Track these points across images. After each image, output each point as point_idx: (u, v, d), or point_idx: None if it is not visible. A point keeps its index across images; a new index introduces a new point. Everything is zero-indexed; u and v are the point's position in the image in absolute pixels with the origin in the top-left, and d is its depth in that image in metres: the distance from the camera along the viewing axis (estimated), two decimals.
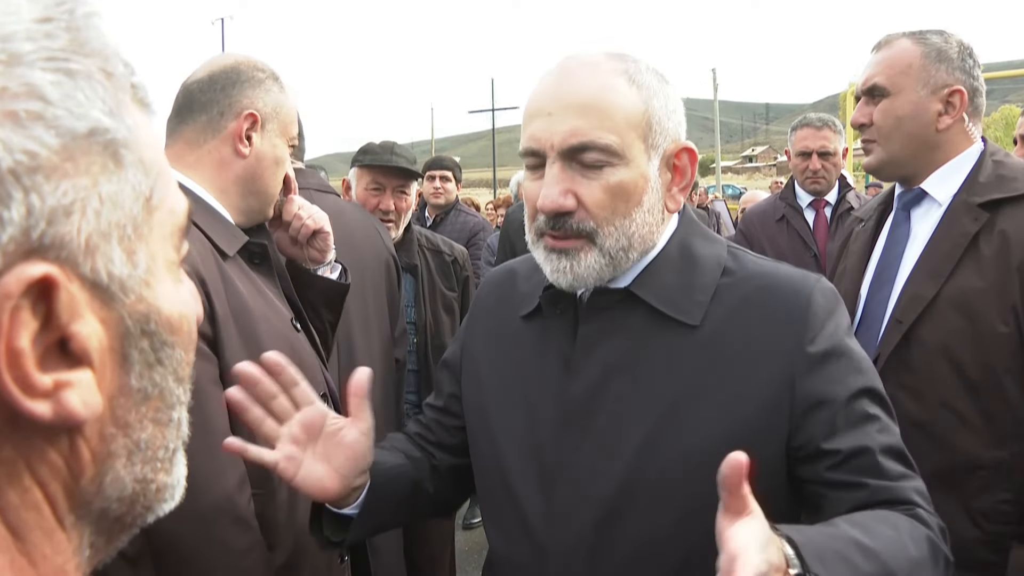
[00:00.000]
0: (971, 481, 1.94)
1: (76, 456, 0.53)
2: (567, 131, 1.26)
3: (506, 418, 1.43)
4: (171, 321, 0.58)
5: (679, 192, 1.37)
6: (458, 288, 3.55)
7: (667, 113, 1.32)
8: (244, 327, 1.72)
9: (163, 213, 0.58)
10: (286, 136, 1.94)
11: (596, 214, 1.28)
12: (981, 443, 1.93)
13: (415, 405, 3.39)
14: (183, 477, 0.64)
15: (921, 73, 2.11)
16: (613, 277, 1.34)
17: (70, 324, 0.50)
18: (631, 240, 1.31)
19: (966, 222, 2.01)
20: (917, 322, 2.01)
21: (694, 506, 1.25)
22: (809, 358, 1.27)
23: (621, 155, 1.27)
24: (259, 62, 1.95)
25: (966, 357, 1.94)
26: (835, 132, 4.27)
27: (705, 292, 1.33)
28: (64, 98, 0.50)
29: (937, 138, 2.12)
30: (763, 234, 4.24)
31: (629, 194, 1.29)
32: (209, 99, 1.86)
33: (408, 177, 3.31)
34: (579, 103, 1.27)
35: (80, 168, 0.50)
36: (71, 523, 0.55)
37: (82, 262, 0.51)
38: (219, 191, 1.86)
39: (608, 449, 1.31)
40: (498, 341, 1.50)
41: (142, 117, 0.58)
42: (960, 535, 1.94)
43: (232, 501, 1.59)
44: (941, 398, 1.97)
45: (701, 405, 1.28)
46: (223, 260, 1.77)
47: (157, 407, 0.58)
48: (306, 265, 2.14)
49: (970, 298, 1.95)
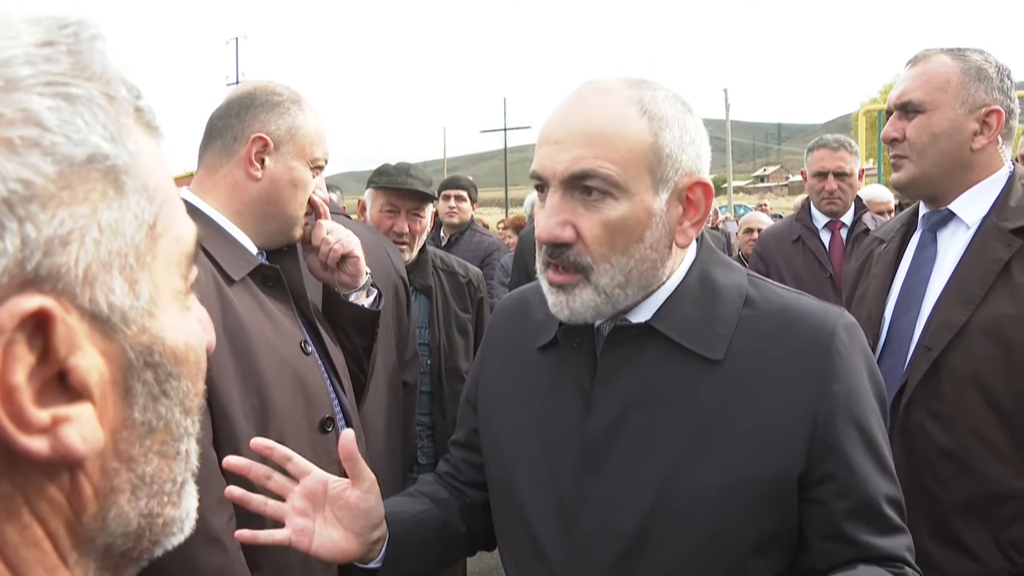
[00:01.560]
0: (1001, 511, 1.90)
1: (77, 492, 0.52)
2: (570, 159, 1.24)
3: (522, 452, 1.41)
4: (176, 352, 0.56)
5: (691, 227, 1.32)
6: (472, 310, 3.54)
7: (681, 145, 1.27)
8: (239, 348, 1.75)
9: (168, 241, 0.56)
10: (305, 158, 1.95)
11: (593, 249, 1.26)
12: (1012, 473, 1.89)
13: (428, 427, 3.38)
14: (193, 509, 0.62)
15: (960, 91, 2.07)
16: (617, 312, 1.32)
17: (68, 357, 0.49)
18: (628, 277, 1.28)
19: (998, 247, 1.97)
20: (947, 349, 1.97)
21: (715, 539, 1.26)
22: (830, 397, 1.26)
23: (623, 187, 1.24)
24: (279, 86, 1.97)
25: (998, 385, 1.90)
26: (851, 153, 4.26)
27: (728, 325, 1.31)
28: (62, 124, 0.49)
29: (971, 158, 2.08)
30: (779, 255, 4.22)
31: (630, 229, 1.25)
32: (224, 125, 1.91)
33: (423, 200, 3.31)
34: (585, 132, 1.25)
35: (78, 196, 0.49)
36: (74, 560, 0.53)
37: (80, 293, 0.49)
38: (235, 214, 1.89)
39: (629, 484, 1.29)
40: (513, 373, 1.48)
41: (148, 141, 0.57)
42: (990, 566, 1.90)
43: (206, 520, 1.60)
44: (971, 426, 1.93)
45: (721, 439, 1.26)
46: (229, 284, 1.80)
47: (163, 440, 0.57)
48: (337, 289, 2.14)
49: (1003, 326, 1.91)
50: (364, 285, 2.15)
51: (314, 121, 1.97)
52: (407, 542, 1.47)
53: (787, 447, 1.25)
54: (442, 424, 3.35)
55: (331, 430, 1.92)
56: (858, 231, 4.20)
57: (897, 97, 2.18)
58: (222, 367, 1.71)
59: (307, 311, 2.02)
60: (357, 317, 2.15)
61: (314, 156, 1.96)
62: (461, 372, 3.42)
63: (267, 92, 1.94)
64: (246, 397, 1.74)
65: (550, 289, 1.32)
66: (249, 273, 1.86)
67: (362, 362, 2.22)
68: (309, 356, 1.93)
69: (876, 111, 22.50)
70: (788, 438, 1.25)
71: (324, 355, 2.01)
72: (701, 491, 1.25)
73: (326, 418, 1.91)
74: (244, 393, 1.74)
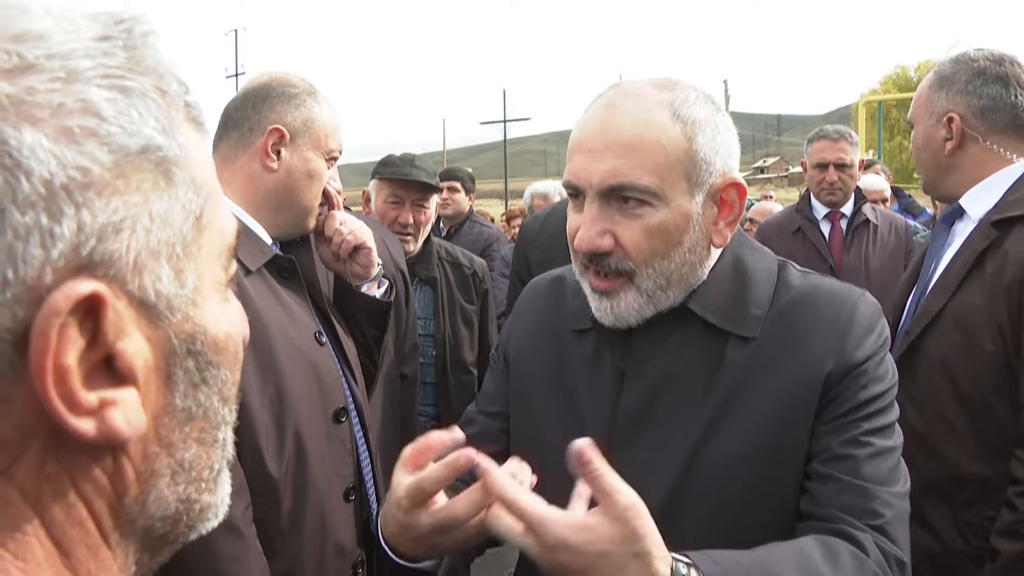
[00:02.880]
0: (960, 494, 1.98)
1: (120, 474, 0.53)
2: (606, 171, 1.25)
3: (552, 429, 1.41)
4: (217, 341, 0.58)
5: (726, 227, 1.34)
6: (477, 301, 3.55)
7: (715, 147, 1.29)
8: (256, 338, 1.75)
9: (212, 233, 0.58)
10: (320, 150, 1.96)
11: (634, 255, 1.28)
12: (970, 457, 1.97)
13: (433, 418, 3.39)
14: (227, 495, 0.64)
15: (926, 103, 2.20)
16: (654, 310, 1.34)
17: (116, 342, 0.50)
18: (669, 280, 1.31)
19: (979, 239, 2.04)
20: (923, 335, 2.06)
21: (741, 512, 1.28)
22: (845, 366, 1.28)
23: (661, 196, 1.26)
24: (294, 78, 1.98)
25: (961, 372, 1.98)
26: (851, 144, 4.28)
27: (761, 306, 1.35)
28: (118, 115, 0.51)
29: (949, 162, 2.17)
30: (779, 246, 4.23)
31: (669, 234, 1.28)
32: (241, 116, 1.92)
33: (427, 191, 3.32)
34: (620, 142, 1.25)
35: (131, 185, 0.50)
36: (116, 540, 0.55)
37: (130, 280, 0.50)
38: (251, 206, 1.90)
39: (657, 460, 1.32)
40: (547, 352, 1.50)
41: (195, 136, 0.58)
42: (948, 546, 1.99)
43: None
44: (938, 411, 2.01)
45: (744, 415, 1.29)
46: (245, 275, 1.81)
47: (202, 427, 0.58)
48: (349, 280, 2.16)
49: (968, 314, 1.98)
50: (376, 276, 2.17)
51: (329, 113, 1.99)
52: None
53: (803, 412, 1.28)
54: (447, 415, 3.36)
55: (344, 420, 1.94)
56: (858, 222, 4.22)
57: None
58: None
59: (320, 302, 2.04)
60: (369, 308, 2.17)
61: (329, 147, 1.98)
62: (466, 364, 3.44)
63: (283, 84, 1.95)
64: (263, 387, 1.76)
65: (592, 294, 1.35)
66: (265, 264, 1.88)
67: (373, 353, 2.24)
68: (323, 347, 1.95)
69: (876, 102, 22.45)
70: (808, 406, 1.28)
71: (337, 346, 2.03)
72: (725, 464, 1.28)
73: (340, 408, 1.93)
74: (261, 383, 1.76)
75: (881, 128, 22.02)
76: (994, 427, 1.94)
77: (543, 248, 3.52)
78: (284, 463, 1.78)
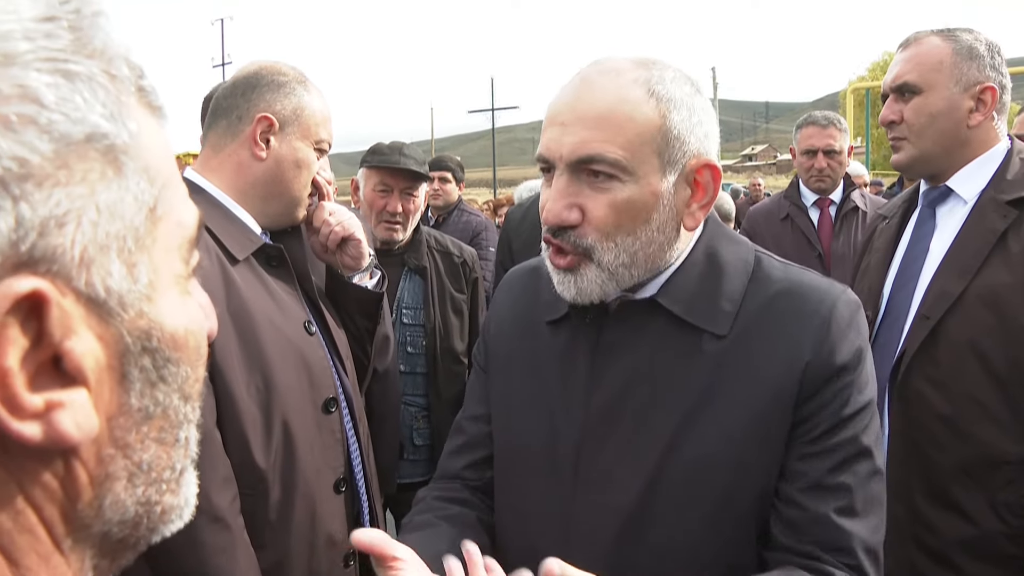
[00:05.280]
0: (997, 475, 1.96)
1: (72, 479, 0.51)
2: (576, 143, 1.24)
3: (529, 424, 1.41)
4: (175, 337, 0.55)
5: (699, 210, 1.31)
6: (467, 290, 3.53)
7: (690, 127, 1.26)
8: (243, 328, 1.75)
9: (169, 224, 0.55)
10: (310, 139, 1.95)
11: (599, 229, 1.26)
12: (1008, 438, 1.95)
13: (423, 408, 3.38)
14: (193, 496, 0.61)
15: (953, 70, 2.13)
16: (624, 290, 1.32)
17: (63, 341, 0.47)
18: (633, 258, 1.28)
19: (995, 219, 2.03)
20: (944, 318, 2.03)
21: (713, 513, 1.27)
22: (822, 368, 1.26)
23: (630, 171, 1.24)
24: (284, 67, 1.97)
25: (994, 352, 1.95)
26: (840, 131, 4.28)
27: (733, 301, 1.31)
28: (61, 101, 0.47)
29: (968, 135, 2.14)
30: (767, 233, 4.25)
31: (637, 211, 1.26)
32: (230, 104, 1.91)
33: (416, 179, 3.29)
34: (592, 115, 1.24)
35: (75, 176, 0.47)
36: (69, 547, 0.52)
37: (76, 276, 0.48)
38: (239, 194, 1.90)
39: (629, 458, 1.30)
40: (523, 345, 1.48)
41: (150, 122, 0.55)
42: (984, 528, 1.96)
43: (209, 499, 1.62)
44: (968, 392, 1.99)
45: (719, 412, 1.27)
46: (232, 264, 1.80)
47: (161, 427, 0.55)
48: (340, 271, 2.15)
49: (999, 293, 1.96)
50: (367, 267, 2.16)
51: (319, 102, 1.97)
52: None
53: (781, 418, 1.26)
54: (438, 405, 3.35)
55: (334, 410, 1.93)
56: (847, 209, 4.23)
57: (892, 80, 2.22)
58: (226, 347, 1.72)
59: (311, 291, 2.02)
60: (361, 299, 2.16)
61: (319, 137, 1.96)
62: (457, 353, 3.42)
63: (273, 72, 1.93)
64: (250, 377, 1.76)
65: (555, 271, 1.33)
66: (253, 253, 1.87)
67: (366, 344, 2.23)
68: (313, 336, 1.94)
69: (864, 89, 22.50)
70: (781, 406, 1.26)
71: (327, 335, 2.02)
72: (699, 465, 1.26)
73: (329, 398, 1.92)
74: (248, 373, 1.75)
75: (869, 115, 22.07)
76: None
77: (525, 235, 3.52)
78: (272, 454, 1.77)
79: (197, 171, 1.93)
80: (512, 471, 1.45)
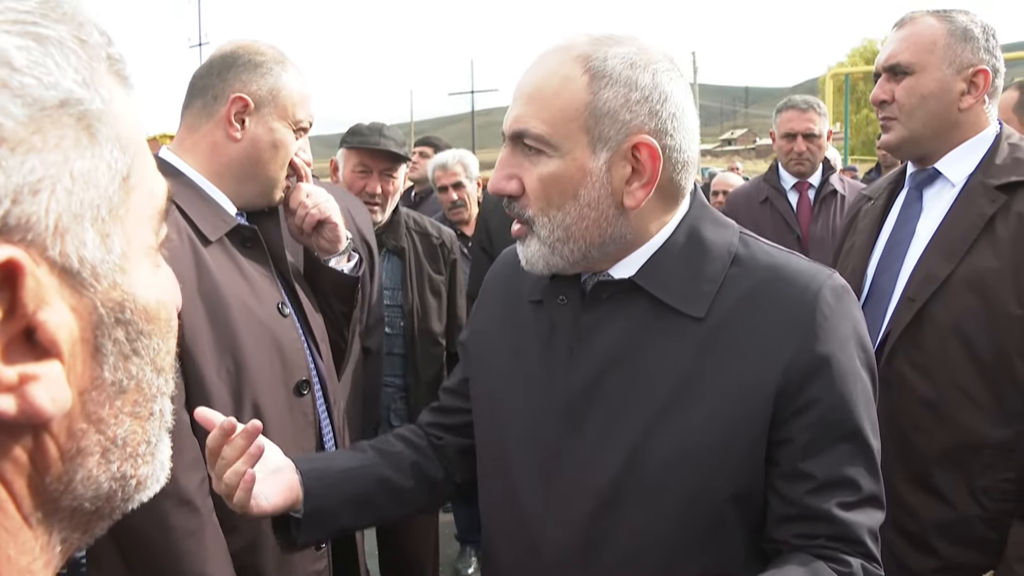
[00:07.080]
0: (976, 460, 1.97)
1: (41, 452, 0.49)
2: (512, 117, 1.29)
3: (510, 404, 1.41)
4: (148, 309, 0.54)
5: (639, 189, 1.27)
6: (446, 271, 3.53)
7: (627, 104, 1.23)
8: (213, 310, 1.74)
9: (142, 194, 0.54)
10: (287, 120, 1.92)
11: (533, 202, 1.29)
12: (988, 422, 1.95)
13: (401, 389, 3.38)
14: (167, 459, 0.60)
15: (947, 51, 2.11)
16: (566, 265, 1.32)
17: (37, 312, 0.46)
18: (568, 233, 1.28)
19: (983, 203, 2.02)
20: (930, 301, 2.02)
21: (689, 499, 1.26)
22: (810, 358, 1.24)
23: (554, 146, 1.25)
24: (263, 46, 1.94)
25: (978, 337, 1.95)
26: (820, 115, 4.30)
27: (712, 283, 1.29)
28: (32, 65, 0.46)
29: (959, 117, 2.12)
30: (747, 216, 4.26)
31: (563, 186, 1.26)
32: (206, 84, 1.88)
33: (395, 160, 3.27)
34: (527, 90, 1.29)
35: (50, 142, 0.46)
36: (38, 520, 0.51)
37: (51, 245, 0.46)
38: (214, 175, 1.87)
39: (605, 440, 1.30)
40: (506, 326, 1.49)
41: (120, 91, 0.53)
42: (962, 512, 1.98)
43: (178, 483, 1.60)
44: (951, 377, 1.99)
45: (700, 399, 1.26)
46: (204, 245, 1.78)
47: (135, 400, 0.54)
48: (316, 254, 2.12)
49: (985, 278, 1.95)
50: (344, 250, 2.14)
51: (298, 82, 1.94)
52: (329, 497, 1.47)
53: (763, 407, 1.24)
54: (415, 387, 3.36)
55: (307, 393, 1.92)
56: (825, 192, 4.26)
57: (885, 60, 2.20)
58: (196, 329, 1.70)
59: (286, 273, 2.00)
60: (336, 282, 2.14)
61: (297, 118, 1.94)
62: (435, 335, 3.43)
63: (250, 51, 1.90)
64: (220, 359, 1.74)
65: (517, 240, 1.36)
66: (227, 234, 1.85)
67: (343, 328, 2.21)
68: (286, 318, 1.92)
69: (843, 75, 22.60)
70: (765, 397, 1.24)
71: (302, 317, 2.00)
72: (676, 450, 1.25)
73: (302, 380, 1.91)
74: (219, 355, 1.73)
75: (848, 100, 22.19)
76: (1015, 390, 1.93)
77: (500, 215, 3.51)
78: None
79: (173, 151, 1.90)
80: (495, 448, 1.45)
